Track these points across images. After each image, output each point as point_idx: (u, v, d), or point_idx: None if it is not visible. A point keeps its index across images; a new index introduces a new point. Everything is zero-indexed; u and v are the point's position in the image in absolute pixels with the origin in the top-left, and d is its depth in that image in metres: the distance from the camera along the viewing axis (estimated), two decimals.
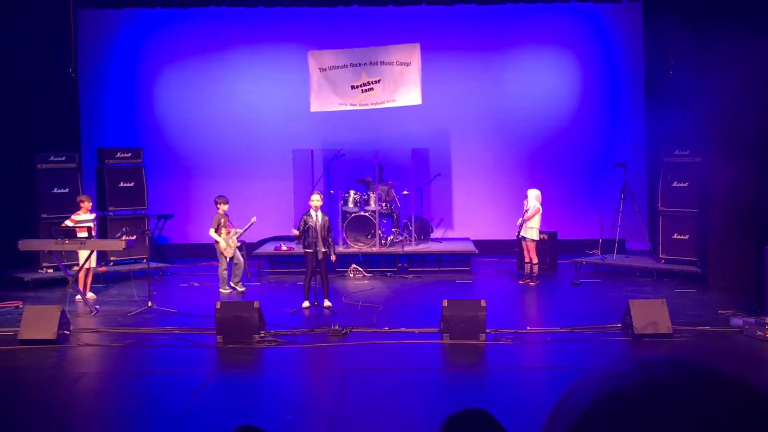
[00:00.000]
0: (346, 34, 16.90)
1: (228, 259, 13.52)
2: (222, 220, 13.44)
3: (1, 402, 7.93)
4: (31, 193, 15.04)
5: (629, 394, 0.89)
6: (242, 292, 13.49)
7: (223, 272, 13.55)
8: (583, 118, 17.42)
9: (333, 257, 12.33)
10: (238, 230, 13.54)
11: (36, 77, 15.41)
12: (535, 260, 14.04)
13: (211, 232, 13.47)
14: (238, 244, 13.75)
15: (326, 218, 12.19)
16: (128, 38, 17.57)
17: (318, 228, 11.99)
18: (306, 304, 12.13)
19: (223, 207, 13.50)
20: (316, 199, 12.19)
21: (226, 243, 13.41)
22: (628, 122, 17.22)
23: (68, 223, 13.06)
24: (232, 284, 13.56)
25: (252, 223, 13.40)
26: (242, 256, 13.83)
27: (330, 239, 12.19)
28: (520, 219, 14.17)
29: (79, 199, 13.55)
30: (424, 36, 16.39)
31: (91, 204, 13.50)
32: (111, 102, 17.61)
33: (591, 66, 17.41)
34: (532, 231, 14.04)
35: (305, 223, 12.06)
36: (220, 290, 13.50)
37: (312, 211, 12.12)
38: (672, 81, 14.40)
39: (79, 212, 13.27)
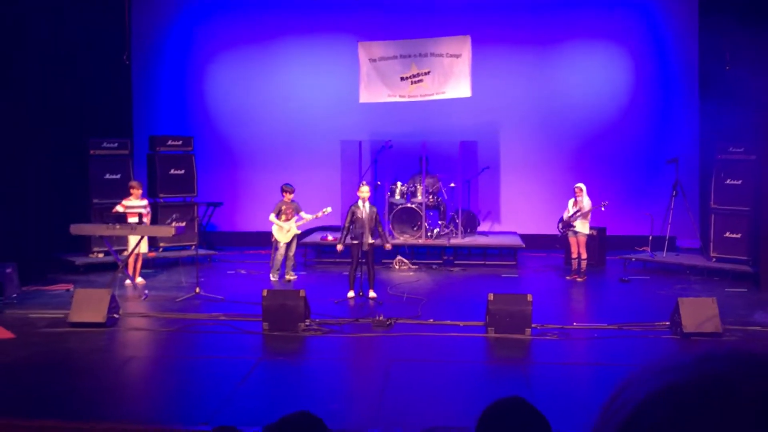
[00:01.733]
0: (397, 25, 16.87)
1: (285, 245, 13.60)
2: (283, 207, 13.57)
3: (52, 384, 8.06)
4: (84, 178, 15.26)
5: (687, 389, 0.87)
6: (291, 280, 13.57)
7: (279, 258, 13.63)
8: (635, 113, 17.19)
9: (388, 246, 12.54)
10: (307, 216, 13.62)
11: (91, 64, 15.62)
12: (585, 255, 13.91)
13: (271, 216, 13.62)
14: (299, 232, 13.85)
15: (374, 209, 12.25)
16: (181, 26, 17.73)
17: (365, 219, 12.03)
18: (351, 294, 12.17)
19: (287, 195, 13.63)
20: (364, 191, 12.24)
21: (279, 229, 13.52)
22: (681, 118, 16.94)
23: (119, 208, 13.24)
24: (286, 276, 13.64)
25: (324, 213, 13.49)
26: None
27: (380, 229, 12.24)
28: (568, 214, 14.03)
29: (130, 184, 13.73)
30: (474, 28, 16.29)
31: (141, 190, 13.65)
32: (163, 90, 17.80)
33: (644, 60, 17.16)
34: (584, 225, 13.91)
35: (353, 213, 12.10)
36: (288, 278, 13.62)
37: (360, 202, 12.15)
38: (728, 77, 14.12)
39: (130, 198, 13.45)
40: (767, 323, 10.25)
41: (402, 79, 15.73)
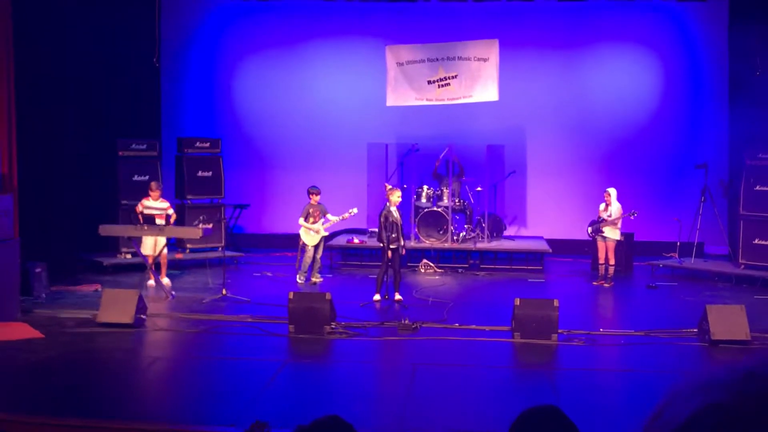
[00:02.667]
0: (424, 29, 16.86)
1: (313, 248, 13.65)
2: (311, 210, 13.63)
3: (79, 383, 8.14)
4: (113, 179, 15.39)
5: (732, 409, 0.86)
6: (317, 283, 13.60)
7: (307, 260, 13.67)
8: (664, 117, 17.06)
9: (403, 251, 12.50)
10: (334, 218, 13.69)
11: (121, 66, 15.77)
12: (612, 261, 13.82)
13: (301, 220, 13.68)
14: (326, 234, 13.90)
15: (399, 213, 12.36)
16: (209, 29, 17.83)
17: (398, 223, 12.15)
18: (377, 297, 12.19)
19: (314, 198, 13.71)
20: (398, 195, 12.43)
21: (307, 232, 13.58)
22: (711, 123, 16.79)
23: (139, 207, 13.31)
24: (312, 279, 13.67)
25: (351, 214, 13.55)
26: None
27: (401, 234, 12.32)
28: (600, 218, 13.94)
29: (149, 186, 13.72)
30: (502, 32, 16.24)
31: (160, 192, 13.57)
32: (191, 92, 17.90)
33: (672, 65, 17.03)
34: (614, 231, 13.84)
35: (386, 218, 12.16)
36: (300, 280, 13.66)
37: (392, 207, 12.23)
38: (758, 82, 13.99)
39: (149, 198, 13.47)
40: None
41: (429, 82, 15.72)
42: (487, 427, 6.75)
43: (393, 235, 12.10)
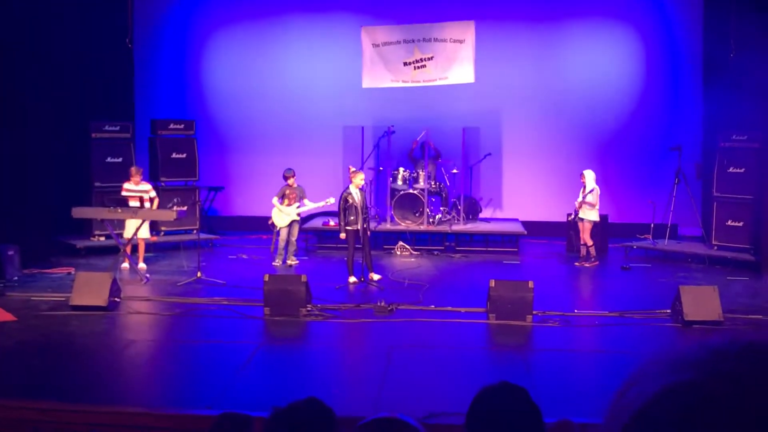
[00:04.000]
0: (400, 10, 16.79)
1: (286, 230, 13.61)
2: (287, 191, 13.59)
3: (53, 367, 8.07)
4: (86, 161, 15.26)
5: (699, 388, 0.85)
6: (293, 265, 13.57)
7: (282, 243, 13.65)
8: (639, 99, 17.11)
9: (368, 231, 12.59)
10: (310, 204, 13.69)
11: (93, 47, 15.57)
12: (589, 242, 13.95)
13: (274, 199, 13.65)
14: (298, 218, 13.86)
15: (363, 195, 12.40)
16: (183, 10, 17.65)
17: (359, 204, 12.12)
18: (352, 279, 12.19)
19: (290, 180, 13.68)
20: (361, 178, 12.46)
21: (278, 212, 13.54)
22: (686, 105, 16.84)
23: (123, 193, 13.22)
24: (287, 261, 13.65)
25: (327, 203, 13.57)
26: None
27: (362, 215, 12.30)
28: (579, 201, 14.05)
29: (130, 171, 13.65)
30: (478, 13, 16.21)
31: (140, 177, 13.53)
32: (165, 74, 17.74)
33: (648, 46, 17.06)
34: (591, 212, 13.95)
35: (345, 201, 12.16)
36: (276, 262, 13.62)
37: (354, 189, 12.20)
38: (733, 63, 14.06)
39: (130, 181, 13.40)
40: None
41: (405, 64, 15.69)
42: (462, 408, 6.78)
43: (351, 218, 12.12)
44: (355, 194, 12.24)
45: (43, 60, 14.49)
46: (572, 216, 14.58)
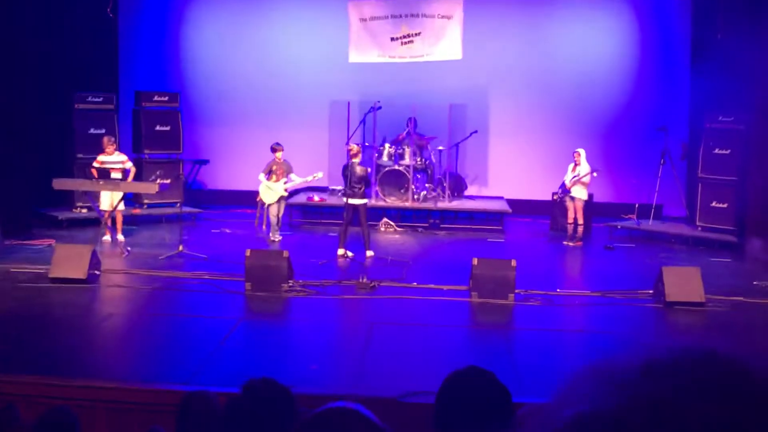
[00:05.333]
0: None
1: (276, 206, 13.52)
2: (274, 167, 13.47)
3: (30, 340, 8.00)
4: (68, 132, 15.10)
5: (611, 421, 0.81)
6: (276, 241, 13.48)
7: (273, 218, 13.57)
8: (626, 78, 17.04)
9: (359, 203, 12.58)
10: (297, 179, 13.58)
11: (77, 17, 15.36)
12: (581, 221, 13.98)
13: (261, 176, 13.52)
14: (286, 194, 13.75)
15: (361, 169, 12.38)
16: None
17: (349, 180, 12.12)
18: (340, 251, 12.21)
19: (278, 155, 13.58)
20: (357, 151, 12.60)
21: (266, 189, 13.43)
22: (673, 85, 16.79)
23: (95, 164, 13.09)
24: (271, 236, 13.58)
25: (315, 178, 13.40)
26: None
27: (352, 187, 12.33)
28: (570, 179, 14.03)
29: (103, 141, 13.53)
30: None
31: (115, 146, 13.42)
32: (150, 44, 17.53)
33: (636, 26, 16.97)
34: (583, 191, 13.95)
35: (343, 170, 12.21)
36: (271, 237, 13.54)
37: (354, 160, 12.28)
38: (719, 44, 14.00)
39: (103, 153, 13.28)
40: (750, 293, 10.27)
41: (392, 39, 15.58)
42: None
43: (348, 190, 12.11)
44: (352, 168, 12.21)
45: (25, 31, 14.27)
46: (558, 194, 14.53)
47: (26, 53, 14.27)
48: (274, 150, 13.62)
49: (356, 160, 12.39)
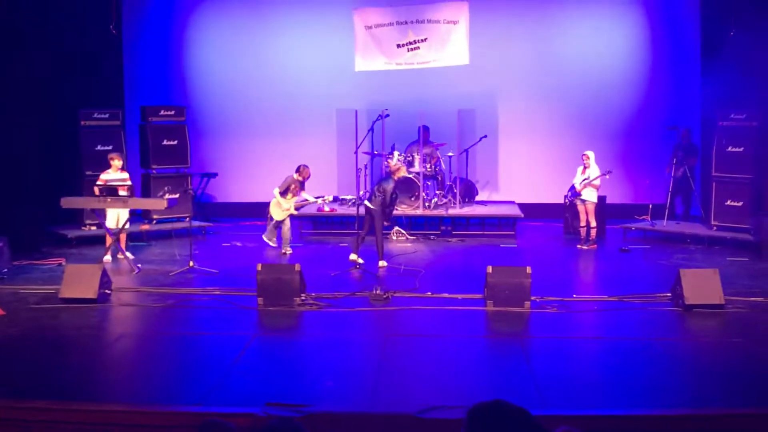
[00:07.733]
0: None
1: (284, 222, 13.49)
2: (292, 186, 13.45)
3: (41, 362, 7.89)
4: (75, 150, 15.06)
5: None
6: (287, 254, 13.39)
7: (286, 232, 13.49)
8: (637, 78, 16.91)
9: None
10: (309, 197, 13.61)
11: (82, 35, 15.36)
12: (594, 223, 13.85)
13: (276, 191, 13.47)
14: (296, 213, 13.73)
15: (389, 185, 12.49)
16: None
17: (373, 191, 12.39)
18: (353, 256, 12.19)
19: (301, 176, 13.68)
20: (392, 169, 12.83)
21: (277, 205, 13.42)
22: (684, 84, 16.64)
23: (98, 183, 12.99)
24: (282, 249, 13.52)
25: (325, 201, 13.65)
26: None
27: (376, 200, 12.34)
28: (580, 182, 13.89)
29: (109, 156, 13.44)
30: None
31: (121, 162, 13.34)
32: (155, 59, 17.49)
33: (646, 25, 16.85)
34: (592, 193, 13.81)
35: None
36: (282, 250, 13.44)
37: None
38: (732, 42, 13.84)
39: (108, 171, 13.19)
40: None
41: (398, 46, 15.51)
42: (462, 400, 6.61)
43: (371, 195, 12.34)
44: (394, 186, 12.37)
45: (30, 48, 14.26)
46: (568, 198, 14.38)
47: (31, 71, 14.25)
48: (299, 171, 13.61)
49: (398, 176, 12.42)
